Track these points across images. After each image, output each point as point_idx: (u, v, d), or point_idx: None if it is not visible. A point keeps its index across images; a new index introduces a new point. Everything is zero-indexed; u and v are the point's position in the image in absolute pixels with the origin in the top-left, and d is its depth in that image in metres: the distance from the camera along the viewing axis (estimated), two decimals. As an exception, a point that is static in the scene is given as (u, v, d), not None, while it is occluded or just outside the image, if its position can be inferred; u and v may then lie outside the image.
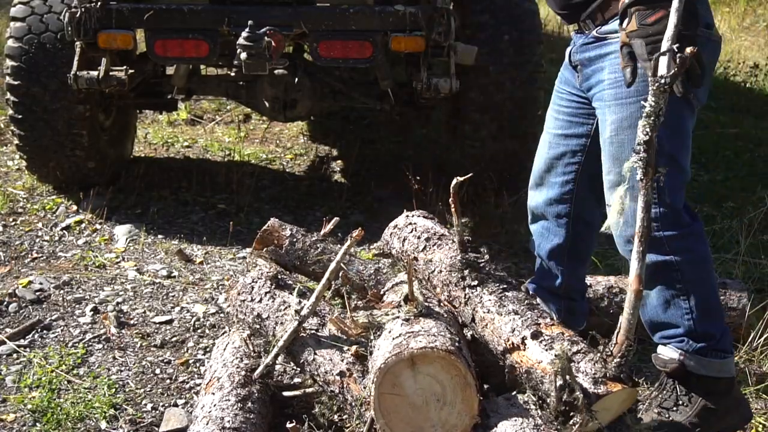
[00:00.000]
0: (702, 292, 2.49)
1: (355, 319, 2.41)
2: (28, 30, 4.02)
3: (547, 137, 2.82)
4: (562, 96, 2.76)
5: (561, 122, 2.76)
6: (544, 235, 2.85)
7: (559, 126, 2.77)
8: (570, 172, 2.75)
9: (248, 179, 4.63)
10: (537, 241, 2.89)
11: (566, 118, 2.74)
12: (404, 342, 2.19)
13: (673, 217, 2.45)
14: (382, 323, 2.38)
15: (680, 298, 2.48)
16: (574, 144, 2.74)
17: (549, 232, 2.83)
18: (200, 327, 3.27)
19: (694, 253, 2.48)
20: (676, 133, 2.42)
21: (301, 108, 4.29)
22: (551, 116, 2.80)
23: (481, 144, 4.19)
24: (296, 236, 3.04)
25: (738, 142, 5.53)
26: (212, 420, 2.35)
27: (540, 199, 2.84)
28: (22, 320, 3.29)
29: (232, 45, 3.60)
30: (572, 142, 2.74)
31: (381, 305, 2.57)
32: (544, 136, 2.83)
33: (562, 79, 2.76)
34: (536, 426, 2.14)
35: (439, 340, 2.18)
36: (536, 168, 2.86)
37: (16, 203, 4.36)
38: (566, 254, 2.81)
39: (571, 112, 2.72)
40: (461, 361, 2.15)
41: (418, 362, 2.14)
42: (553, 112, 2.79)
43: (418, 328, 2.26)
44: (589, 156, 2.71)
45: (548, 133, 2.81)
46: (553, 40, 7.26)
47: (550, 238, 2.82)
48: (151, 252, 3.94)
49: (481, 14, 4.10)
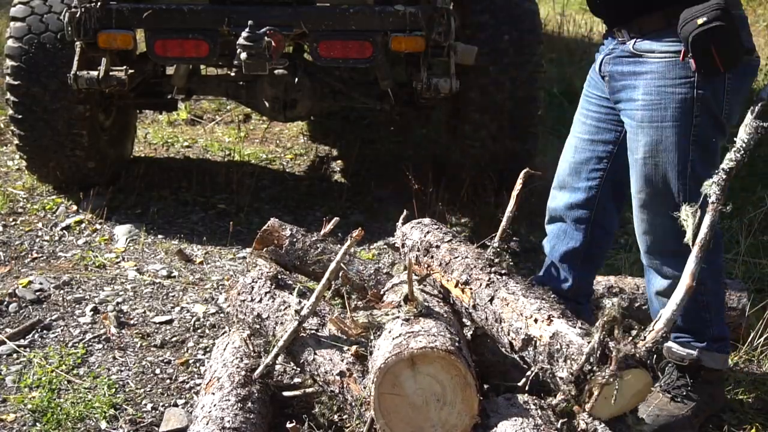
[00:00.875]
0: (718, 302, 2.65)
1: (355, 319, 2.41)
2: (28, 30, 4.02)
3: (573, 141, 2.80)
4: (590, 100, 2.73)
5: (588, 126, 2.73)
6: (561, 237, 2.84)
7: (586, 130, 2.74)
8: (594, 179, 2.75)
9: (248, 179, 4.63)
10: (552, 243, 2.88)
11: (594, 123, 2.71)
12: (404, 342, 2.19)
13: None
14: (382, 323, 2.38)
15: (702, 309, 2.60)
16: (601, 150, 2.72)
17: (566, 235, 2.82)
18: (200, 327, 3.27)
19: (715, 265, 2.57)
20: (707, 155, 2.46)
21: (301, 108, 4.29)
22: (578, 120, 2.78)
23: (481, 144, 4.19)
24: (296, 236, 3.04)
25: (738, 142, 5.52)
26: (212, 420, 2.35)
27: (561, 202, 2.82)
28: (22, 320, 3.29)
29: (232, 45, 3.60)
30: (599, 148, 2.72)
31: (381, 305, 2.57)
32: (571, 140, 2.81)
33: (590, 83, 2.74)
34: (536, 426, 2.14)
35: (439, 340, 2.18)
36: (560, 171, 2.84)
37: (16, 203, 4.36)
38: (581, 258, 2.81)
39: (600, 118, 2.69)
40: (461, 361, 2.15)
41: (418, 362, 2.14)
42: (580, 115, 2.77)
43: (418, 328, 2.26)
44: (615, 164, 2.71)
45: (575, 137, 2.79)
46: (553, 40, 7.26)
47: (567, 241, 2.81)
48: (151, 252, 3.94)
49: (481, 14, 4.10)
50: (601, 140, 2.72)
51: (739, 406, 2.80)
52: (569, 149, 2.81)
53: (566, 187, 2.81)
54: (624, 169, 2.66)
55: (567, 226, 2.81)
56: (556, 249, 2.85)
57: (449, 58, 3.77)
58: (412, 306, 2.34)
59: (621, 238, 3.91)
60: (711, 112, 2.43)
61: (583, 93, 2.78)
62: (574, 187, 2.78)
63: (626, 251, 3.78)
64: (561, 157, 2.85)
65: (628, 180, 2.63)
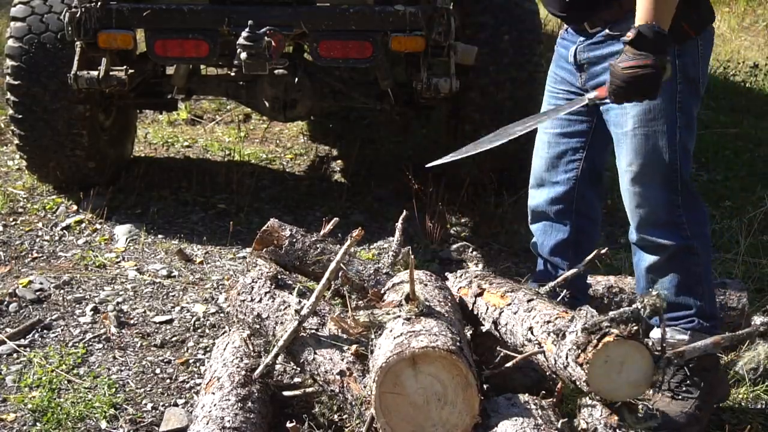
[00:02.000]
0: (708, 275, 2.66)
1: (356, 318, 2.41)
2: (28, 30, 4.02)
3: (545, 137, 2.85)
4: (557, 96, 2.79)
5: (560, 122, 2.79)
6: (548, 232, 2.88)
7: (557, 125, 2.80)
8: (572, 170, 2.80)
9: (248, 179, 4.63)
10: (540, 240, 2.91)
11: (565, 118, 2.76)
12: (405, 341, 2.19)
13: (693, 202, 2.59)
14: (383, 322, 2.38)
15: (695, 281, 2.62)
16: (575, 141, 2.78)
17: (552, 229, 2.86)
18: (200, 327, 3.27)
19: (706, 237, 2.64)
20: (690, 121, 2.55)
21: (301, 108, 4.29)
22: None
23: (481, 144, 4.19)
24: (296, 236, 3.04)
25: (738, 142, 5.53)
26: (212, 420, 2.35)
27: (541, 199, 2.87)
28: (22, 320, 3.29)
29: (232, 45, 3.60)
30: (573, 140, 2.78)
31: (382, 304, 2.57)
32: (542, 137, 2.87)
33: (556, 80, 2.80)
34: (536, 426, 2.14)
35: (441, 340, 2.18)
36: (536, 168, 2.89)
37: (16, 203, 4.36)
38: (571, 248, 2.85)
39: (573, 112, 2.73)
40: (462, 361, 2.15)
41: (419, 362, 2.14)
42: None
43: (420, 327, 2.26)
44: (590, 152, 2.78)
45: (546, 133, 2.84)
46: (553, 40, 7.25)
47: (554, 235, 2.86)
48: (151, 252, 3.94)
49: (481, 14, 4.10)
50: (574, 132, 2.77)
51: (739, 406, 2.80)
52: (542, 146, 2.86)
53: (544, 183, 2.86)
54: (599, 156, 2.78)
55: (551, 222, 2.86)
56: (545, 245, 2.90)
57: (449, 58, 3.77)
58: (414, 305, 2.34)
59: (621, 238, 3.91)
60: (689, 78, 2.52)
61: (547, 90, 2.84)
62: (552, 181, 2.83)
63: (626, 251, 3.78)
64: (534, 155, 2.90)
65: (603, 165, 2.76)
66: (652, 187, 2.56)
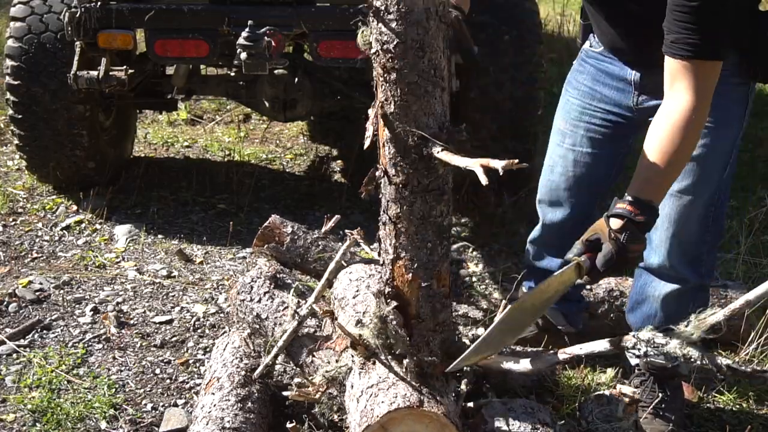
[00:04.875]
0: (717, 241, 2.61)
1: (313, 382, 2.33)
2: (28, 30, 4.02)
3: (570, 154, 2.66)
4: (594, 114, 2.60)
5: (596, 141, 2.62)
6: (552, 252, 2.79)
7: (591, 145, 2.62)
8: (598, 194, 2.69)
9: (248, 179, 4.63)
10: (541, 252, 2.85)
11: (602, 139, 2.60)
12: (369, 407, 2.12)
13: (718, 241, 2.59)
14: (340, 380, 2.30)
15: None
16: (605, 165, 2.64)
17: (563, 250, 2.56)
18: (200, 327, 3.27)
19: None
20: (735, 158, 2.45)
21: (301, 108, 4.29)
22: (580, 134, 2.63)
23: (481, 144, 4.19)
24: (297, 233, 3.04)
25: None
26: (212, 420, 2.35)
27: (556, 218, 2.75)
28: (22, 320, 3.29)
29: (232, 45, 3.60)
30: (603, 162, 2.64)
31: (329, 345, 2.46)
32: (564, 152, 2.67)
33: (595, 97, 2.59)
34: (534, 430, 2.13)
35: (400, 395, 2.11)
36: (554, 184, 2.72)
37: (16, 203, 4.36)
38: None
39: (610, 133, 2.59)
40: (430, 409, 2.08)
41: (389, 426, 2.08)
42: (581, 130, 2.63)
43: (376, 378, 2.18)
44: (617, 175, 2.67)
45: (572, 150, 2.66)
46: (553, 40, 7.26)
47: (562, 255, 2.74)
48: (151, 252, 3.93)
49: (481, 14, 4.09)
50: (609, 154, 2.62)
51: (739, 406, 2.80)
52: (563, 162, 2.67)
53: (562, 203, 2.71)
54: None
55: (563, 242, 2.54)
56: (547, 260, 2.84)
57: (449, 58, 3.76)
58: (361, 351, 2.24)
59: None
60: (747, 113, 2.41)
61: (582, 106, 2.62)
62: (573, 202, 2.69)
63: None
64: (550, 169, 2.72)
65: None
66: (693, 219, 2.44)
